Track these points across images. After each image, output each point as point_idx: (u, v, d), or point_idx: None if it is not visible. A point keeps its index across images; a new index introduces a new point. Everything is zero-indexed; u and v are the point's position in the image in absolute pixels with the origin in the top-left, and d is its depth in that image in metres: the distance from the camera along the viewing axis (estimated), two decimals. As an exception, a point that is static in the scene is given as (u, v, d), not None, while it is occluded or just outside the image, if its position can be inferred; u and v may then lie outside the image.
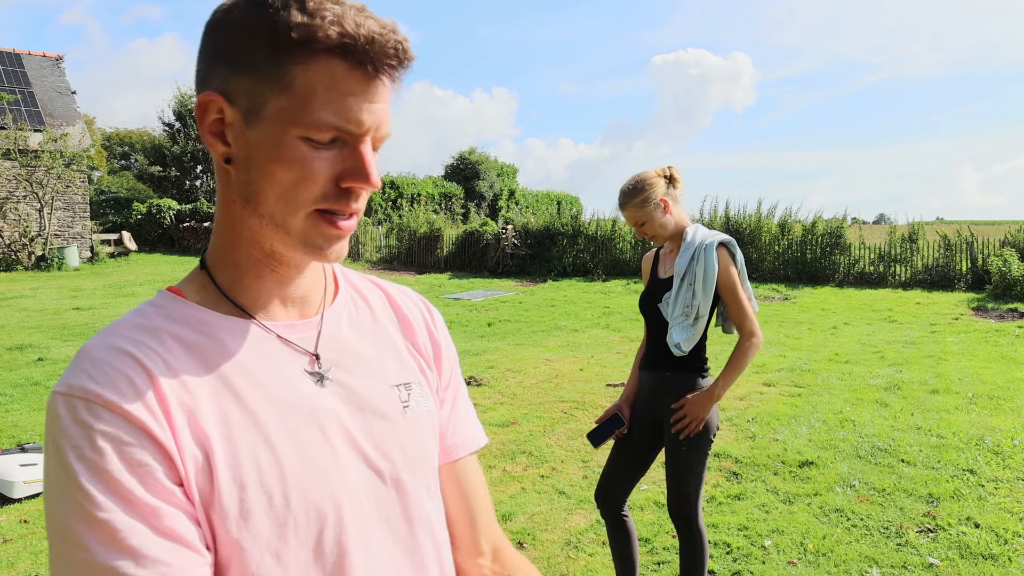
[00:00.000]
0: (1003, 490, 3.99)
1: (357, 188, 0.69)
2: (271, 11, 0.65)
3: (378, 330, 0.84)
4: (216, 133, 0.69)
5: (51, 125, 18.80)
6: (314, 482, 0.69)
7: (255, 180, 0.68)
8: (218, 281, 0.74)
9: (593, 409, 5.77)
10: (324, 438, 0.71)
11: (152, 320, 0.70)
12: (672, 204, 2.50)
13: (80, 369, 0.64)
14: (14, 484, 4.03)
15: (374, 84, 0.67)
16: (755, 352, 2.46)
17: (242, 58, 0.67)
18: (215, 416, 0.67)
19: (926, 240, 14.67)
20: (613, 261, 17.02)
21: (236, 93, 0.67)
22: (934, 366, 7.19)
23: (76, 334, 9.28)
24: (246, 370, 0.70)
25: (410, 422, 0.80)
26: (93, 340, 0.67)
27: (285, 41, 0.65)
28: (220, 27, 0.68)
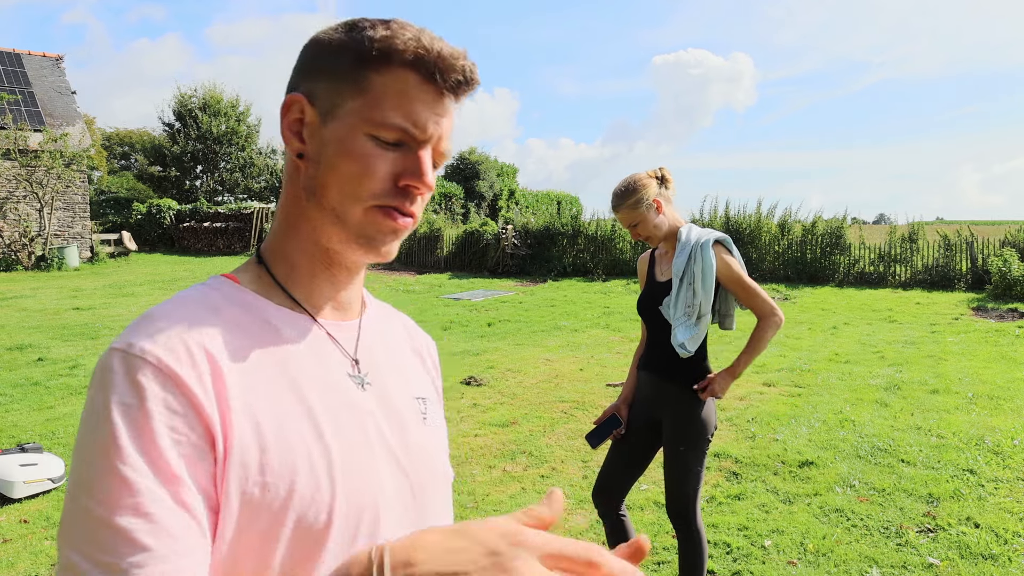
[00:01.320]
0: (1003, 490, 3.99)
1: (413, 187, 0.73)
2: (359, 31, 0.74)
3: (400, 345, 0.90)
4: (295, 131, 0.75)
5: (51, 125, 18.80)
6: (358, 479, 0.72)
7: (323, 173, 0.73)
8: (273, 272, 0.78)
9: (593, 409, 5.77)
10: (366, 438, 0.75)
11: (212, 299, 0.72)
12: (665, 205, 2.50)
13: (144, 330, 0.65)
14: (14, 484, 4.03)
15: (441, 98, 0.74)
16: (776, 330, 2.45)
17: (329, 67, 0.74)
18: (269, 400, 0.68)
19: (926, 240, 14.67)
20: (613, 261, 17.02)
21: (317, 95, 0.74)
22: (934, 366, 7.19)
23: (76, 334, 9.28)
24: (300, 360, 0.73)
25: (428, 433, 0.83)
26: (160, 306, 0.70)
27: (367, 52, 0.72)
28: (316, 44, 0.76)
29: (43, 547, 3.49)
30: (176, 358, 0.64)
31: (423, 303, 12.91)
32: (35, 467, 4.14)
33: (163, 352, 0.63)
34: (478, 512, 3.84)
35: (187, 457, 0.62)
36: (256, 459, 0.65)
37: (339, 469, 0.70)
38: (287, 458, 0.66)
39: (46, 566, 3.31)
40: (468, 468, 4.50)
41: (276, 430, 0.67)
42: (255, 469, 0.65)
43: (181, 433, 0.62)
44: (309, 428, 0.69)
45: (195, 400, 0.63)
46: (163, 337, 0.65)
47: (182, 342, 0.65)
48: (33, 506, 3.99)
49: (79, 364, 7.47)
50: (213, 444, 0.63)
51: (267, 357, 0.71)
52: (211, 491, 0.63)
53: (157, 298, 12.91)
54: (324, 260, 0.77)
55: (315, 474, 0.68)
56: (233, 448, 0.64)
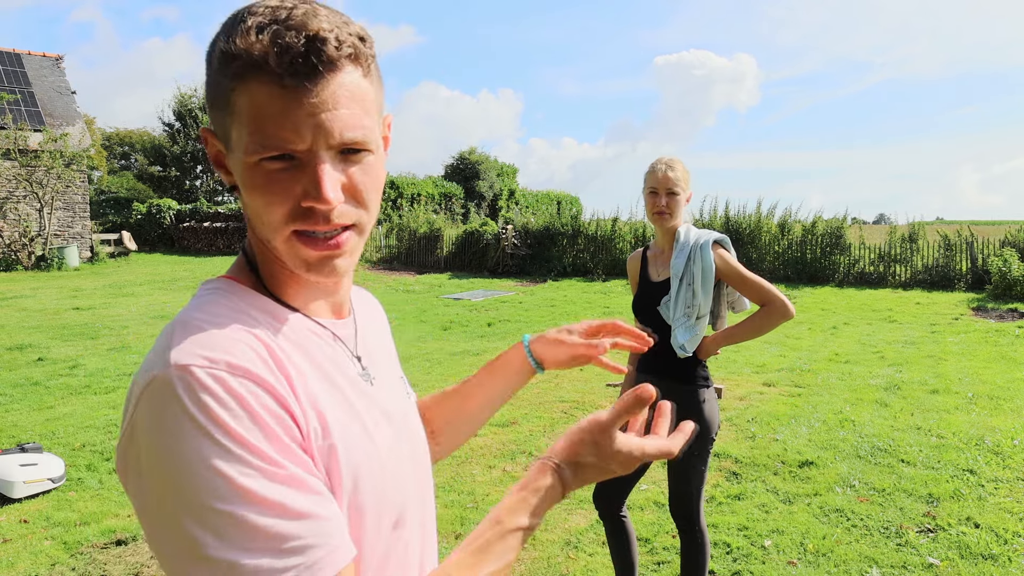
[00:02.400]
0: (1003, 490, 3.99)
1: (312, 206, 0.65)
2: (214, 41, 0.66)
3: (377, 327, 0.92)
4: (219, 165, 0.72)
5: (51, 125, 18.79)
6: (394, 467, 0.75)
7: (245, 206, 0.70)
8: (267, 283, 0.75)
9: (592, 409, 5.77)
10: (393, 429, 0.78)
11: (238, 304, 0.70)
12: (686, 204, 2.52)
13: (205, 343, 0.61)
14: (14, 484, 4.03)
15: (306, 95, 0.62)
16: (782, 319, 2.37)
17: (210, 93, 0.68)
18: (324, 396, 0.69)
19: (926, 240, 14.66)
20: (613, 261, 17.01)
21: (216, 126, 0.69)
22: (934, 366, 7.19)
23: (76, 334, 9.28)
24: (330, 359, 0.73)
25: (413, 409, 0.88)
26: (196, 316, 0.65)
27: (220, 71, 0.65)
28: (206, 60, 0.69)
29: (43, 547, 3.49)
30: (254, 363, 0.62)
31: (423, 303, 12.91)
32: (35, 467, 4.14)
33: (242, 359, 0.61)
34: (478, 512, 3.84)
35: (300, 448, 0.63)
36: (327, 457, 0.66)
37: (388, 467, 0.73)
38: (351, 454, 0.68)
39: (46, 566, 3.31)
40: (468, 468, 4.50)
41: (340, 431, 0.68)
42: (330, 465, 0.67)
43: (289, 429, 0.63)
44: (359, 429, 0.71)
45: (285, 402, 0.63)
46: (229, 343, 0.62)
47: (247, 346, 0.63)
48: (33, 506, 3.99)
49: (79, 364, 7.46)
50: (305, 439, 0.65)
51: (309, 360, 0.70)
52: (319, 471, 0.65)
53: (157, 298, 12.91)
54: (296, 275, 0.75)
55: (373, 472, 0.70)
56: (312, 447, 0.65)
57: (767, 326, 2.41)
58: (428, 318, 11.08)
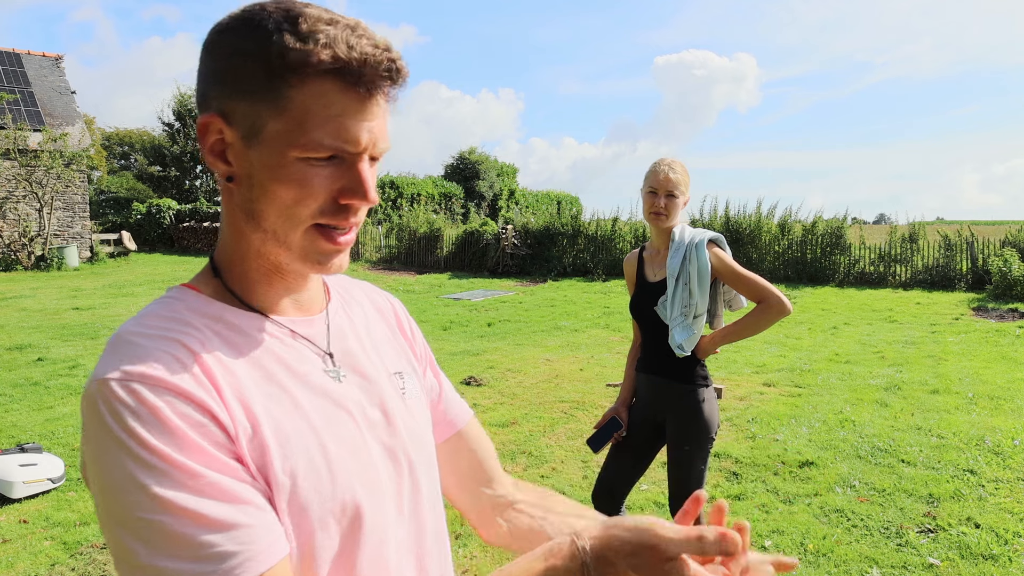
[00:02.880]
0: (1003, 490, 3.99)
1: (355, 205, 0.71)
2: (265, 34, 0.66)
3: (369, 323, 0.89)
4: (217, 153, 0.71)
5: (51, 125, 18.79)
6: (351, 465, 0.73)
7: (257, 198, 0.70)
8: (231, 286, 0.76)
9: (593, 409, 5.76)
10: (355, 426, 0.75)
11: (179, 312, 0.71)
12: (683, 207, 2.52)
13: (128, 356, 0.64)
14: (13, 484, 4.03)
15: (368, 103, 0.68)
16: (778, 316, 2.37)
17: (239, 81, 0.68)
18: (259, 397, 0.69)
19: (926, 240, 14.65)
20: (613, 261, 17.00)
21: (234, 115, 0.69)
22: (934, 366, 7.18)
23: (76, 334, 9.28)
24: (279, 363, 0.73)
25: (409, 407, 0.84)
26: (129, 328, 0.67)
27: (279, 65, 0.66)
28: (216, 48, 0.70)
29: (43, 547, 3.49)
30: (174, 372, 0.63)
31: (423, 303, 12.91)
32: (35, 467, 4.14)
33: (160, 371, 0.63)
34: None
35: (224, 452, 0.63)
36: (261, 463, 0.66)
37: (333, 459, 0.71)
38: (287, 454, 0.67)
39: (45, 566, 3.31)
40: (468, 468, 4.50)
41: (273, 429, 0.68)
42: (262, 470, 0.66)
43: (213, 437, 0.63)
44: (304, 426, 0.70)
45: (207, 406, 0.64)
46: (150, 357, 0.64)
47: (169, 355, 0.65)
48: (33, 506, 3.99)
49: (79, 364, 7.46)
50: (234, 441, 0.65)
51: (248, 362, 0.70)
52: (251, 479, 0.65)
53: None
54: (278, 272, 0.76)
55: (315, 469, 0.69)
56: (243, 449, 0.65)
57: (764, 323, 2.40)
58: (428, 318, 11.08)
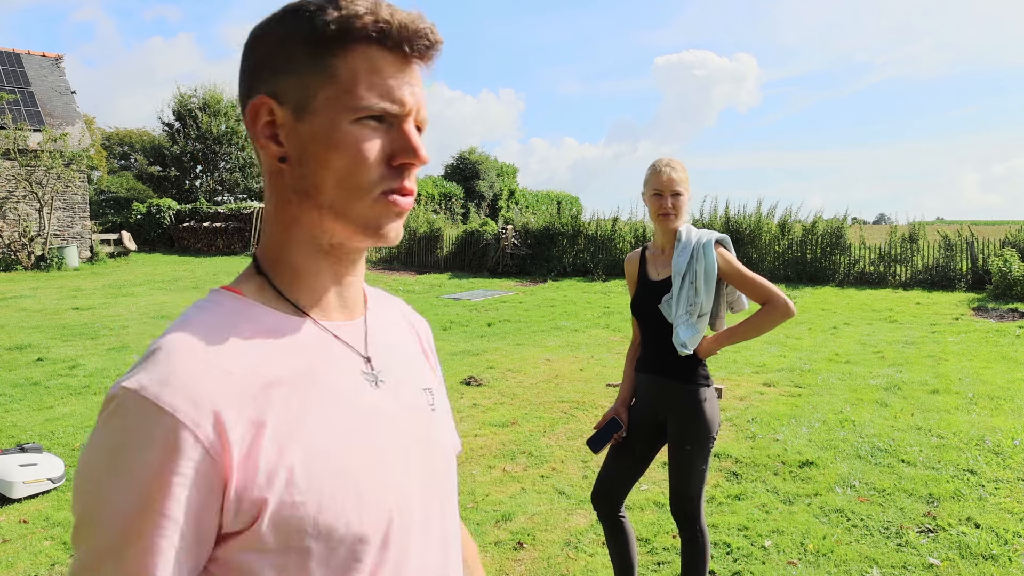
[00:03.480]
0: (1003, 490, 3.99)
1: (409, 164, 0.72)
2: (308, 15, 0.70)
3: (404, 336, 0.89)
4: (269, 136, 0.72)
5: (51, 125, 18.79)
6: (383, 482, 0.72)
7: (312, 172, 0.71)
8: (276, 283, 0.75)
9: (593, 409, 5.76)
10: (387, 439, 0.75)
11: (222, 319, 0.70)
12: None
13: (155, 370, 0.63)
14: (13, 484, 4.03)
15: (411, 67, 0.72)
16: (783, 318, 2.37)
17: (285, 61, 0.71)
18: (291, 416, 0.68)
19: (926, 240, 14.65)
20: (613, 261, 17.00)
21: (284, 93, 0.71)
22: (934, 366, 7.18)
23: (76, 334, 9.28)
24: (315, 372, 0.72)
25: (437, 423, 0.84)
26: (168, 338, 0.67)
27: (323, 36, 0.69)
28: (260, 41, 0.73)
29: (43, 547, 3.49)
30: (191, 402, 0.62)
31: (423, 303, 12.91)
32: (35, 467, 4.14)
33: (176, 397, 0.62)
34: (478, 512, 3.84)
35: (192, 501, 0.62)
36: (284, 480, 0.65)
37: (364, 477, 0.70)
38: (314, 475, 0.66)
39: (45, 566, 3.31)
40: (468, 468, 4.50)
41: (303, 448, 0.67)
42: (285, 490, 0.64)
43: (190, 479, 0.61)
44: (332, 440, 0.69)
45: (208, 445, 0.62)
46: (176, 378, 0.63)
47: (196, 381, 0.64)
48: (33, 506, 3.99)
49: (79, 364, 7.46)
50: (225, 484, 0.63)
51: (284, 371, 0.69)
52: (211, 525, 0.63)
53: (157, 298, 12.91)
54: (327, 258, 0.75)
55: (341, 485, 0.68)
56: (259, 475, 0.64)
57: (768, 325, 2.41)
58: (428, 318, 11.04)
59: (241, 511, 0.63)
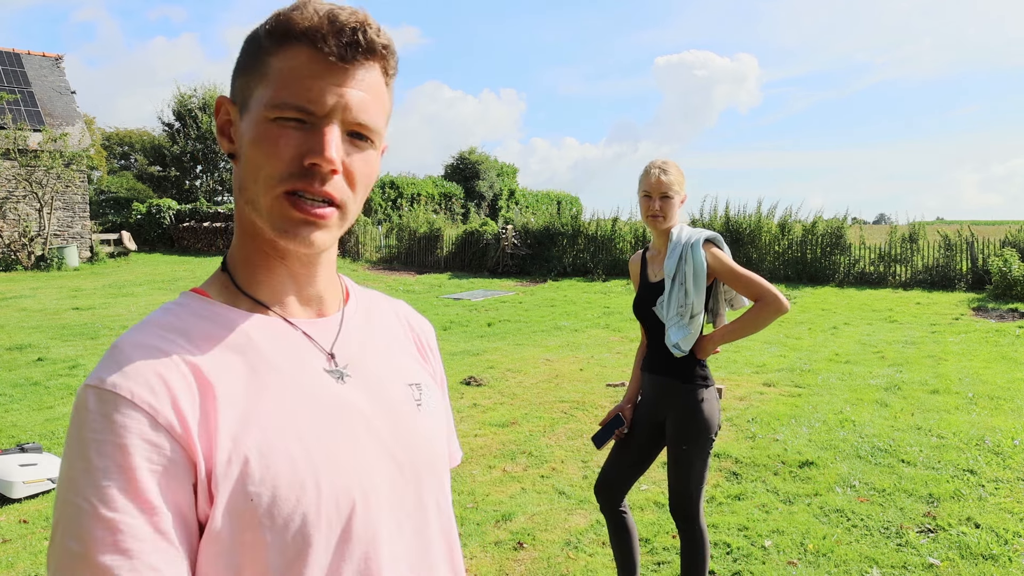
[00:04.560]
0: (1003, 490, 3.99)
1: (315, 165, 0.70)
2: (266, 20, 0.74)
3: (390, 333, 0.89)
4: (225, 133, 0.77)
5: (51, 125, 18.79)
6: (344, 474, 0.71)
7: (242, 168, 0.74)
8: (237, 279, 0.77)
9: (593, 409, 5.76)
10: (350, 430, 0.74)
11: (181, 319, 0.72)
12: (680, 206, 2.53)
13: (113, 364, 0.65)
14: (13, 484, 4.03)
15: (344, 71, 0.71)
16: (776, 314, 2.37)
17: (240, 63, 0.76)
18: (247, 409, 0.68)
19: (926, 240, 14.64)
20: (613, 261, 17.01)
21: (235, 92, 0.76)
22: (934, 366, 7.18)
23: (76, 334, 9.27)
24: (274, 365, 0.73)
25: (424, 419, 0.83)
26: (126, 336, 0.69)
27: (264, 37, 0.73)
28: (242, 44, 0.77)
29: (43, 547, 3.48)
30: (149, 389, 0.64)
31: (423, 303, 12.91)
32: (35, 467, 4.14)
33: (135, 385, 0.64)
34: (478, 512, 3.84)
35: (164, 485, 0.62)
36: (238, 471, 0.65)
37: (322, 467, 0.69)
38: (268, 465, 0.66)
39: (46, 566, 3.31)
40: (468, 468, 4.50)
41: (257, 439, 0.67)
42: (238, 481, 0.65)
43: (157, 463, 0.62)
44: (289, 431, 0.69)
45: (170, 428, 0.63)
46: (133, 369, 0.65)
47: (153, 371, 0.65)
48: (33, 506, 3.99)
49: (79, 364, 7.46)
50: (194, 467, 0.64)
51: (241, 366, 0.70)
52: (191, 513, 0.64)
53: (157, 298, 12.91)
54: (276, 254, 0.76)
55: (298, 476, 0.68)
56: (216, 465, 0.64)
57: (762, 322, 2.40)
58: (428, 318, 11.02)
59: (207, 496, 0.64)
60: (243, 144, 0.73)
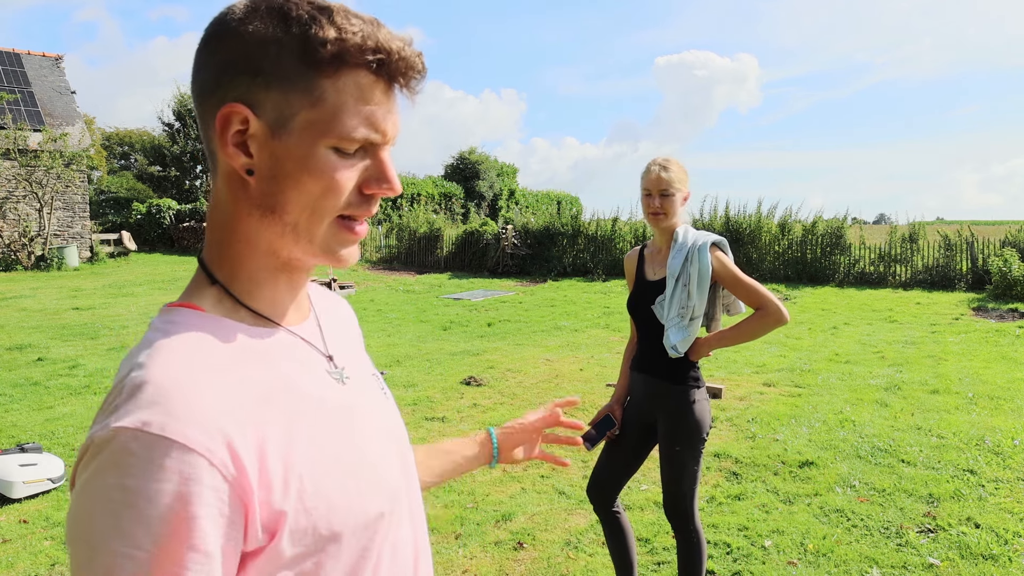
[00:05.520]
0: (1003, 490, 3.99)
1: (381, 194, 0.72)
2: (300, 25, 0.66)
3: (344, 325, 0.90)
4: (237, 144, 0.68)
5: (51, 125, 18.79)
6: (375, 471, 0.74)
7: (282, 190, 0.68)
8: (235, 292, 0.73)
9: (593, 409, 5.76)
10: (363, 430, 0.76)
11: (195, 341, 0.67)
12: (685, 202, 2.52)
13: (150, 401, 0.59)
14: (13, 484, 4.03)
15: (392, 95, 0.71)
16: (774, 325, 2.37)
17: (268, 70, 0.66)
18: (285, 426, 0.66)
19: (926, 240, 14.65)
20: (613, 261, 17.01)
21: (262, 105, 0.67)
22: (934, 366, 7.18)
23: (76, 334, 9.28)
24: (293, 377, 0.71)
25: (391, 405, 0.87)
26: (151, 369, 0.62)
27: (318, 56, 0.66)
28: (235, 37, 0.67)
29: (43, 547, 3.49)
30: (201, 430, 0.59)
31: (423, 303, 12.91)
32: (35, 467, 4.14)
33: (187, 427, 0.58)
34: (477, 512, 3.84)
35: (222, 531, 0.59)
36: (295, 489, 0.64)
37: (359, 470, 0.71)
38: (318, 477, 0.67)
39: (45, 566, 3.31)
40: (468, 468, 4.50)
41: (302, 454, 0.66)
42: (296, 499, 0.64)
43: (215, 507, 0.59)
44: (324, 440, 0.69)
45: (226, 472, 0.59)
46: (178, 407, 0.59)
47: (200, 408, 0.60)
48: (33, 506, 3.99)
49: (79, 364, 7.46)
50: (246, 506, 0.61)
51: (269, 382, 0.68)
52: (236, 554, 0.61)
53: (157, 298, 12.90)
54: (286, 269, 0.74)
55: (343, 482, 0.69)
56: (274, 493, 0.63)
57: (760, 331, 2.39)
58: (428, 318, 11.08)
59: (264, 531, 0.62)
60: (283, 165, 0.67)
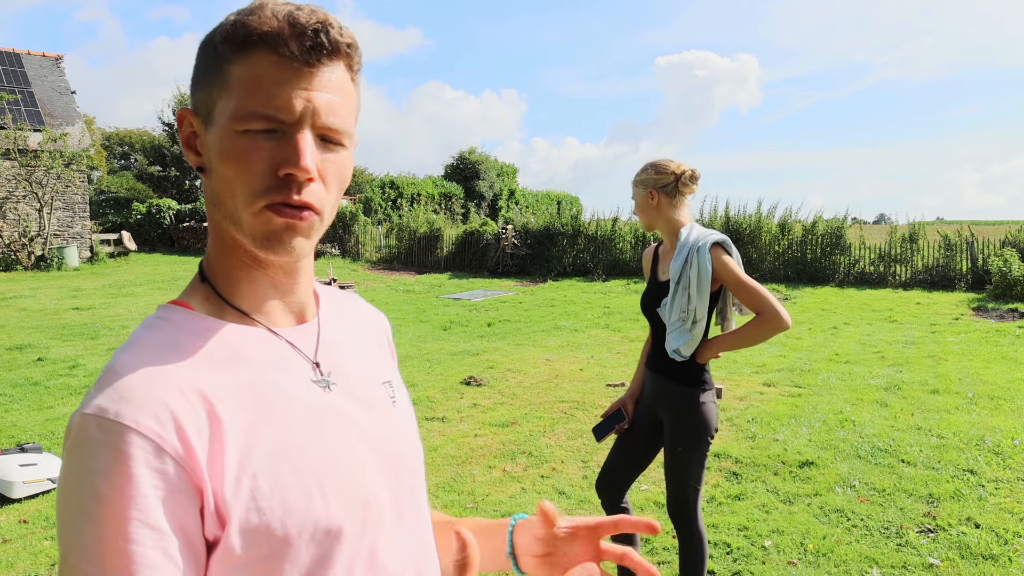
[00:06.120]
0: (1003, 490, 3.99)
1: (291, 175, 0.68)
2: (220, 24, 0.71)
3: (361, 332, 0.89)
4: (190, 146, 0.74)
5: (51, 125, 18.79)
6: (346, 479, 0.72)
7: (215, 182, 0.71)
8: (220, 290, 0.75)
9: (593, 409, 5.76)
10: (345, 438, 0.74)
11: (172, 336, 0.70)
12: (665, 200, 2.48)
13: (112, 391, 0.63)
14: (13, 484, 4.03)
15: (309, 73, 0.69)
16: (774, 331, 2.33)
17: (199, 71, 0.72)
18: (248, 424, 0.68)
19: (926, 240, 14.65)
20: (613, 261, 17.02)
21: (196, 104, 0.73)
22: (934, 366, 7.19)
23: (76, 334, 9.28)
24: (267, 378, 0.72)
25: (399, 415, 0.84)
26: (120, 359, 0.67)
27: (221, 44, 0.70)
28: (198, 49, 0.74)
29: (42, 547, 3.49)
30: (153, 416, 0.62)
31: (423, 303, 12.91)
32: (35, 467, 4.14)
33: (139, 413, 0.62)
34: (478, 512, 3.84)
35: (171, 511, 0.61)
36: (248, 488, 0.65)
37: (325, 476, 0.70)
38: (276, 478, 0.66)
39: (45, 566, 3.31)
40: (468, 468, 4.50)
41: (262, 455, 0.67)
42: (249, 498, 0.65)
43: (163, 490, 0.61)
44: (290, 443, 0.69)
45: (175, 455, 0.62)
46: (135, 395, 0.63)
47: (155, 396, 0.64)
48: (33, 506, 3.99)
49: (79, 364, 7.46)
50: (200, 491, 0.63)
51: (238, 383, 0.69)
52: (198, 537, 0.63)
53: (157, 298, 12.91)
54: (256, 265, 0.75)
55: (304, 486, 0.68)
56: (225, 486, 0.64)
57: (760, 336, 2.36)
58: (428, 318, 11.08)
59: (216, 519, 0.63)
60: (212, 158, 0.71)
